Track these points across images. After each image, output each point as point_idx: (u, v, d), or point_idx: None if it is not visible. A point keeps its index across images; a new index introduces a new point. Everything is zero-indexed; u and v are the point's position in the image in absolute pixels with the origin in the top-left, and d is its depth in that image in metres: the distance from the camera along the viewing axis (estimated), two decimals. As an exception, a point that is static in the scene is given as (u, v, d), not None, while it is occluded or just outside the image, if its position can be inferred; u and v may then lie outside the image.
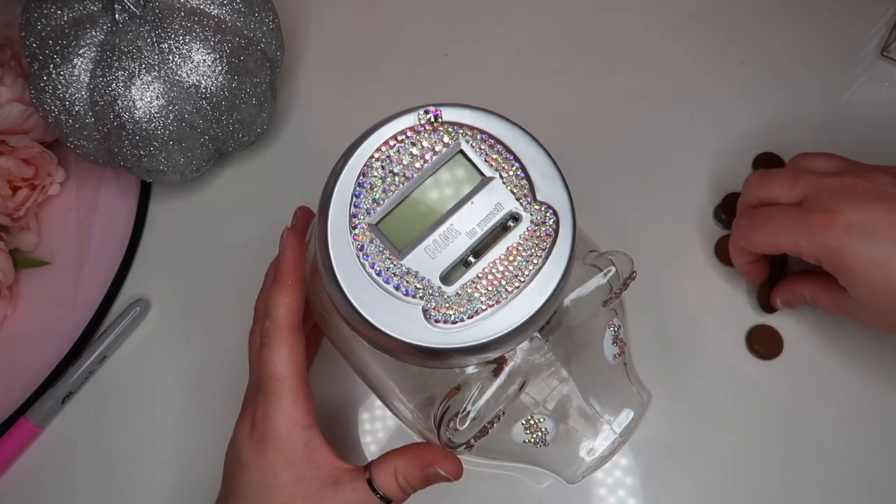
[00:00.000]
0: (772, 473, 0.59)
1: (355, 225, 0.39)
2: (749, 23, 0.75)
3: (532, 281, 0.39)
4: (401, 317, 0.38)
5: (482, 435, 0.42)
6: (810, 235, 0.51)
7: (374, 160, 0.40)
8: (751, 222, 0.56)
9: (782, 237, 0.53)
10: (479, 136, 0.40)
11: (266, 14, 0.65)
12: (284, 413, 0.46)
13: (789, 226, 0.52)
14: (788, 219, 0.53)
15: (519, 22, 0.77)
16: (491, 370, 0.42)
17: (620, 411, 0.49)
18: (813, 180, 0.53)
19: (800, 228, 0.51)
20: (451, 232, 0.39)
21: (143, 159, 0.63)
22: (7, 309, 0.69)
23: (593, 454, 0.49)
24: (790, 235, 0.52)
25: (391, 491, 0.47)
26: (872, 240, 0.49)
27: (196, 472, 0.63)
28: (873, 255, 0.49)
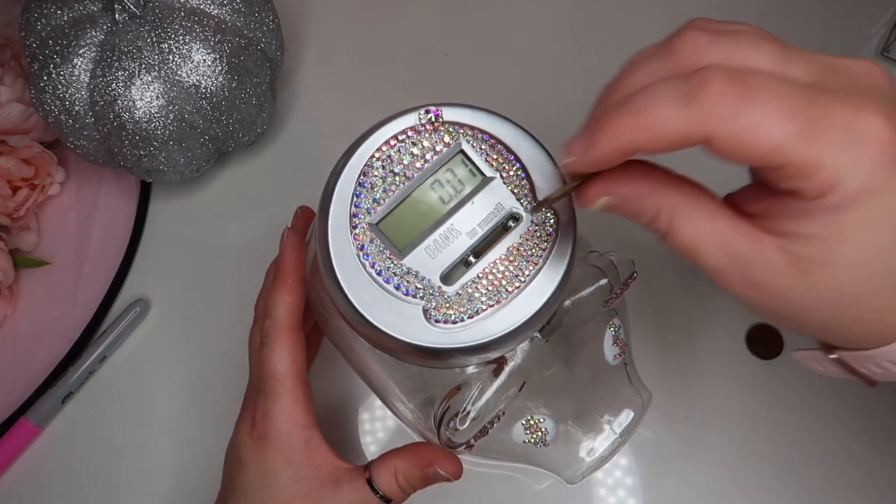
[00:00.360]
0: (771, 473, 0.59)
1: (356, 224, 0.39)
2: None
3: (532, 281, 0.39)
4: (401, 316, 0.38)
5: (482, 435, 0.42)
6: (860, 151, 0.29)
7: (375, 160, 0.40)
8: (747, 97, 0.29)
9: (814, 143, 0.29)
10: (480, 136, 0.41)
11: (266, 14, 0.65)
12: (284, 412, 0.46)
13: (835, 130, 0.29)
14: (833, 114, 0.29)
15: (519, 22, 0.77)
16: (491, 370, 0.42)
17: (621, 411, 0.49)
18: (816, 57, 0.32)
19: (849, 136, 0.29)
20: (451, 232, 0.39)
21: (143, 159, 0.63)
22: (7, 309, 0.69)
23: (593, 454, 0.49)
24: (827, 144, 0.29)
25: (391, 490, 0.47)
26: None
27: (196, 472, 0.63)
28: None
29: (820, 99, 0.29)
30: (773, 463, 0.60)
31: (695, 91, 0.29)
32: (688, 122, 0.29)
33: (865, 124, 0.29)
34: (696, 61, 0.31)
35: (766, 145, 0.29)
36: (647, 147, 0.31)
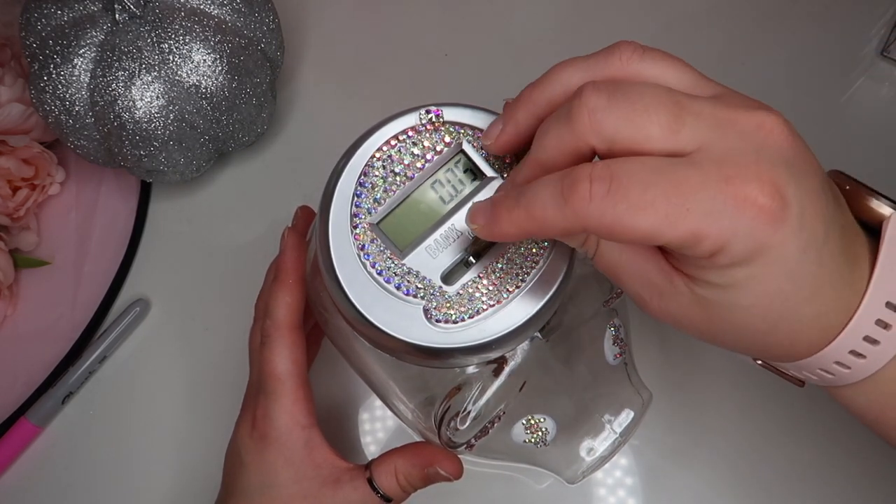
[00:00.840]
0: (772, 473, 0.59)
1: (356, 224, 0.39)
2: (749, 23, 0.75)
3: (533, 281, 0.39)
4: (402, 316, 0.38)
5: (483, 435, 0.42)
6: (736, 219, 0.30)
7: (376, 160, 0.40)
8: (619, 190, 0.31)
9: (684, 220, 0.30)
10: (481, 136, 0.40)
11: (266, 14, 0.65)
12: (285, 412, 0.46)
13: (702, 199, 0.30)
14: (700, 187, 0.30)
15: (519, 22, 0.77)
16: (492, 370, 0.42)
17: (621, 411, 0.49)
18: (710, 115, 0.32)
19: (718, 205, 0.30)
20: (452, 232, 0.39)
21: (143, 159, 0.63)
22: (7, 309, 0.69)
23: (593, 454, 0.49)
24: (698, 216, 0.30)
25: (391, 490, 0.47)
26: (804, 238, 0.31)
27: (196, 472, 0.63)
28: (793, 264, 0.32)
29: (691, 177, 0.30)
30: (774, 463, 0.60)
31: (566, 194, 0.31)
32: (565, 221, 0.32)
33: (737, 193, 0.30)
34: (591, 131, 0.32)
35: (638, 234, 0.31)
36: (540, 235, 0.34)
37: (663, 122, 0.31)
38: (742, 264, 0.31)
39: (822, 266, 0.32)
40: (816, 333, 0.34)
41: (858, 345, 0.33)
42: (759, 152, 0.31)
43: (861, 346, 0.33)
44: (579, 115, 0.32)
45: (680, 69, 0.35)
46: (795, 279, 0.32)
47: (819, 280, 0.32)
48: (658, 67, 0.35)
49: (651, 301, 0.36)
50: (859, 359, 0.34)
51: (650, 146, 0.31)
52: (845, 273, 0.33)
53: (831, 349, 0.34)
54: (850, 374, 0.35)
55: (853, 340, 0.33)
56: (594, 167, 0.31)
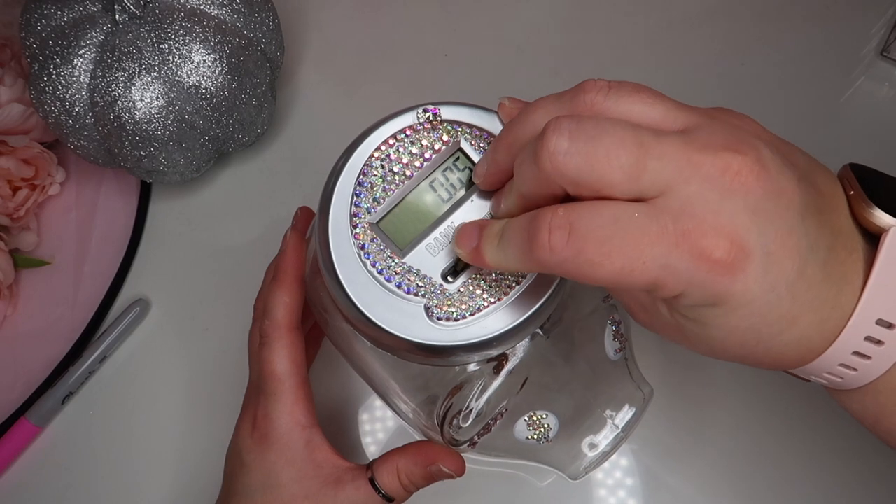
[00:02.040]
0: (772, 473, 0.59)
1: (356, 224, 0.39)
2: (749, 23, 0.75)
3: (533, 277, 0.39)
4: (403, 315, 0.38)
5: (485, 432, 0.42)
6: (693, 270, 0.31)
7: (374, 159, 0.40)
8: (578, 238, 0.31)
9: (644, 267, 0.31)
10: (479, 134, 0.41)
11: (266, 14, 0.65)
12: (285, 412, 0.46)
13: (657, 249, 0.31)
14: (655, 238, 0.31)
15: (518, 22, 0.77)
16: (493, 367, 0.42)
17: (622, 406, 0.49)
18: (675, 158, 0.31)
19: (675, 256, 0.31)
20: (451, 229, 0.39)
21: (143, 159, 0.63)
22: (7, 309, 0.69)
23: (596, 450, 0.49)
24: (656, 264, 0.31)
25: (393, 489, 0.47)
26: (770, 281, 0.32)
27: (196, 472, 0.63)
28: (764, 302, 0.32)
29: (649, 226, 0.31)
30: (774, 463, 0.60)
31: (530, 242, 0.32)
32: (531, 266, 0.33)
33: (692, 248, 0.31)
34: (555, 174, 0.32)
35: (599, 282, 0.32)
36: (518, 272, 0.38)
37: (625, 166, 0.31)
38: (707, 307, 0.32)
39: (796, 299, 0.32)
40: (799, 353, 0.34)
41: (847, 359, 0.34)
42: (722, 201, 0.31)
43: (850, 359, 0.34)
44: (542, 157, 0.32)
45: (649, 102, 0.34)
46: (766, 317, 0.32)
47: (794, 312, 0.32)
48: (625, 103, 0.34)
49: (638, 315, 0.37)
50: (850, 371, 0.34)
51: (611, 192, 0.31)
52: (829, 297, 0.33)
53: (815, 366, 0.34)
54: (842, 383, 0.35)
55: (840, 356, 0.34)
56: (554, 215, 0.32)
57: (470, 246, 0.37)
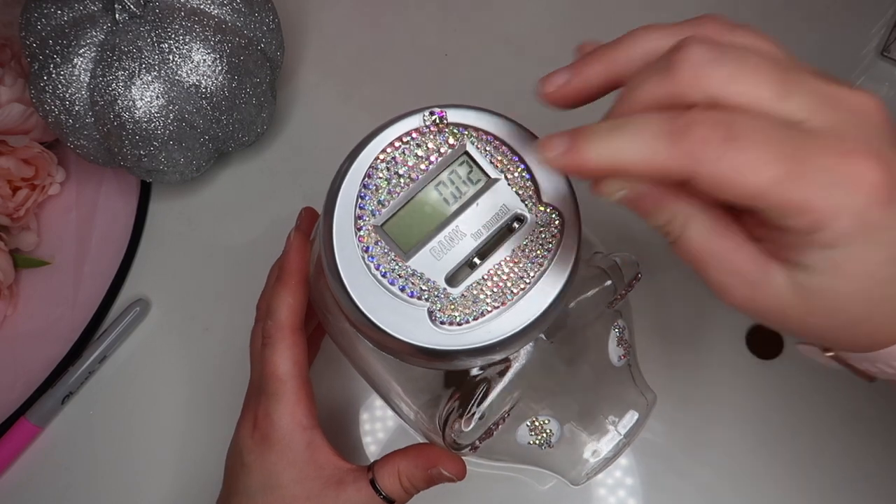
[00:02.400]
0: (772, 474, 0.59)
1: (360, 227, 0.39)
2: (749, 23, 0.74)
3: (538, 282, 0.39)
4: (406, 318, 0.38)
5: (487, 436, 0.42)
6: (845, 193, 0.29)
7: (380, 161, 0.40)
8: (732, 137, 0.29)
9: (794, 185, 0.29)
10: (485, 138, 0.40)
11: (266, 14, 0.65)
12: (286, 413, 0.46)
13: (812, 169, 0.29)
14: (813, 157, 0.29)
15: (519, 22, 0.77)
16: (496, 371, 0.42)
17: (625, 413, 0.49)
18: (819, 88, 0.31)
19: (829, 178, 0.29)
20: (456, 233, 0.39)
21: (143, 159, 0.63)
22: (7, 309, 0.69)
23: (597, 456, 0.49)
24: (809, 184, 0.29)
25: (394, 491, 0.47)
26: None
27: (196, 472, 0.63)
28: None
29: (808, 143, 0.29)
30: (774, 463, 0.60)
31: (681, 132, 0.30)
32: (672, 161, 0.30)
33: (853, 168, 0.29)
34: (694, 85, 0.31)
35: (748, 189, 0.29)
36: (629, 174, 0.32)
37: (773, 85, 0.30)
38: (844, 244, 0.30)
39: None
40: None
41: None
42: (869, 131, 0.31)
43: None
44: (681, 68, 0.31)
45: (772, 45, 0.33)
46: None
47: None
48: (750, 40, 0.33)
49: (738, 291, 0.33)
50: None
51: (759, 108, 0.30)
52: None
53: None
54: None
55: None
56: (710, 112, 0.30)
57: (567, 144, 0.32)
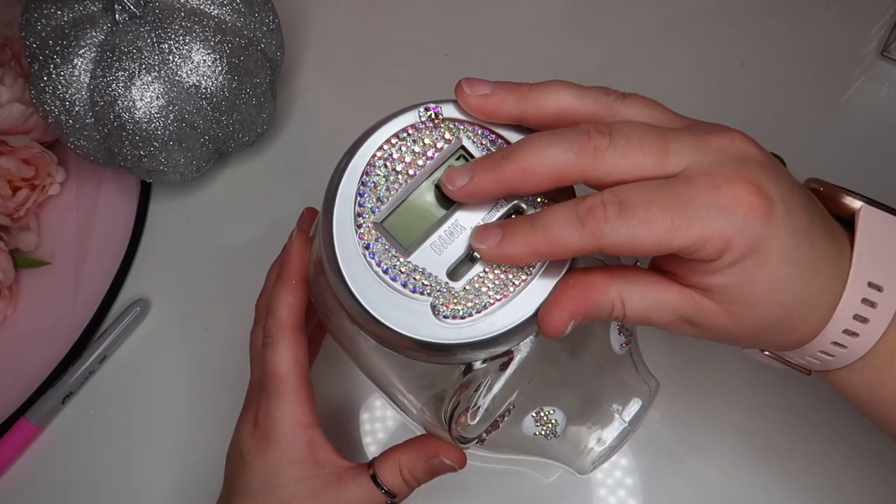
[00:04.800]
0: (772, 473, 0.59)
1: (360, 224, 0.39)
2: (749, 23, 0.75)
3: (539, 273, 0.39)
4: (409, 314, 0.38)
5: (493, 429, 0.42)
6: (732, 218, 0.35)
7: (377, 159, 0.40)
8: (626, 210, 0.35)
9: (687, 228, 0.35)
10: (481, 132, 0.41)
11: (266, 14, 0.65)
12: (287, 412, 0.46)
13: (698, 208, 0.35)
14: (695, 198, 0.35)
15: (519, 22, 0.77)
16: (499, 364, 0.42)
17: (629, 400, 0.49)
18: (689, 139, 0.37)
19: (714, 210, 0.35)
20: (456, 227, 0.39)
21: (143, 159, 0.63)
22: (7, 309, 0.69)
23: (603, 444, 0.49)
24: (699, 223, 0.35)
25: (396, 485, 0.47)
26: (792, 224, 0.36)
27: (197, 472, 0.63)
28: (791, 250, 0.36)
29: (686, 189, 0.35)
30: (774, 462, 0.60)
31: (582, 217, 0.36)
32: (582, 240, 0.36)
33: (726, 196, 0.35)
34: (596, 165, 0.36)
35: (649, 245, 0.35)
36: (552, 255, 0.37)
37: (654, 152, 0.36)
38: (748, 258, 0.35)
39: (814, 247, 0.37)
40: (822, 311, 0.38)
41: (850, 324, 0.37)
42: (737, 161, 0.36)
43: (852, 324, 0.37)
44: (585, 151, 0.36)
45: (655, 108, 0.40)
46: (796, 262, 0.36)
47: (815, 259, 0.37)
48: (636, 109, 0.39)
49: (682, 325, 0.39)
50: (853, 338, 0.37)
51: (644, 174, 0.36)
52: (834, 254, 0.37)
53: (829, 329, 0.38)
54: (847, 353, 0.38)
55: (845, 319, 0.37)
56: (603, 195, 0.36)
57: (495, 240, 0.38)
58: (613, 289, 0.39)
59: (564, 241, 0.36)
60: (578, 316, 0.39)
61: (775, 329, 0.38)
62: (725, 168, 0.36)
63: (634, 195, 0.35)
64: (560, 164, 0.36)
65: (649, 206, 0.35)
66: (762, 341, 0.40)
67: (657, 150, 0.36)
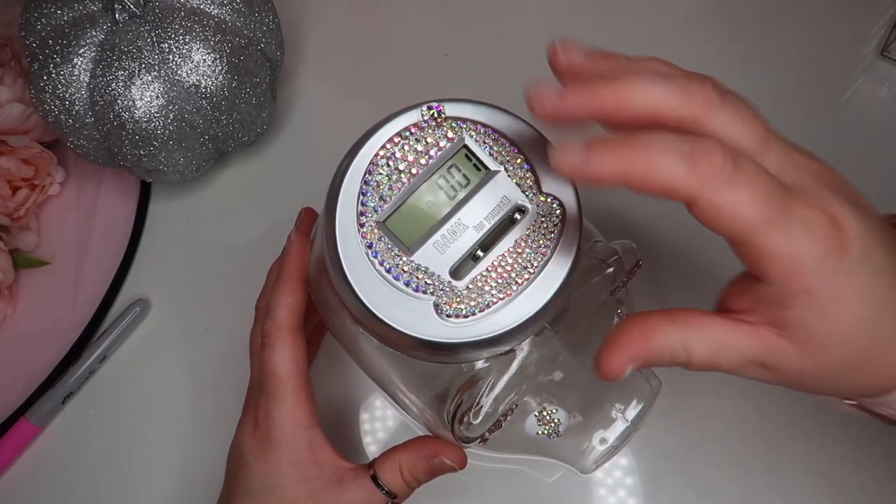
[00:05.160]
0: (771, 473, 0.59)
1: (363, 223, 0.39)
2: (749, 23, 0.75)
3: (542, 272, 0.39)
4: (412, 313, 0.38)
5: (496, 428, 0.42)
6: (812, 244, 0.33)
7: (380, 158, 0.40)
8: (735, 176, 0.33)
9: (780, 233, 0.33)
10: (483, 130, 0.41)
11: (266, 14, 0.65)
12: (287, 413, 0.46)
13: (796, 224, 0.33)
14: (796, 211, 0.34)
15: (519, 22, 0.77)
16: (502, 363, 0.42)
17: (631, 400, 0.49)
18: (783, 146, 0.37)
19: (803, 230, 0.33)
20: (458, 226, 0.39)
21: (143, 159, 0.63)
22: (7, 309, 0.69)
23: (605, 443, 0.49)
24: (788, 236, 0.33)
25: (396, 485, 0.47)
26: (870, 262, 0.35)
27: (197, 472, 0.63)
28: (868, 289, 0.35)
29: (786, 194, 0.34)
30: (774, 462, 0.60)
31: (698, 156, 0.33)
32: (685, 179, 0.33)
33: (815, 220, 0.33)
34: (705, 112, 0.35)
35: (739, 223, 0.33)
36: (637, 184, 0.34)
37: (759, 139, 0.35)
38: (821, 292, 0.34)
39: (894, 286, 0.35)
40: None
41: None
42: (827, 189, 0.35)
43: None
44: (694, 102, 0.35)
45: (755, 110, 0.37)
46: (873, 300, 0.34)
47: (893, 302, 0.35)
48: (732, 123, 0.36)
49: (754, 369, 0.37)
50: None
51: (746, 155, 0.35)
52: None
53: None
54: None
55: None
56: (720, 144, 0.33)
57: (580, 153, 0.34)
58: (674, 333, 0.36)
59: (663, 172, 0.33)
60: (637, 361, 0.37)
61: (854, 372, 0.36)
62: (816, 192, 0.35)
63: (750, 167, 0.34)
64: (662, 103, 0.35)
65: (762, 188, 0.33)
66: (841, 386, 0.38)
67: (761, 139, 0.35)
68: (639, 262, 0.46)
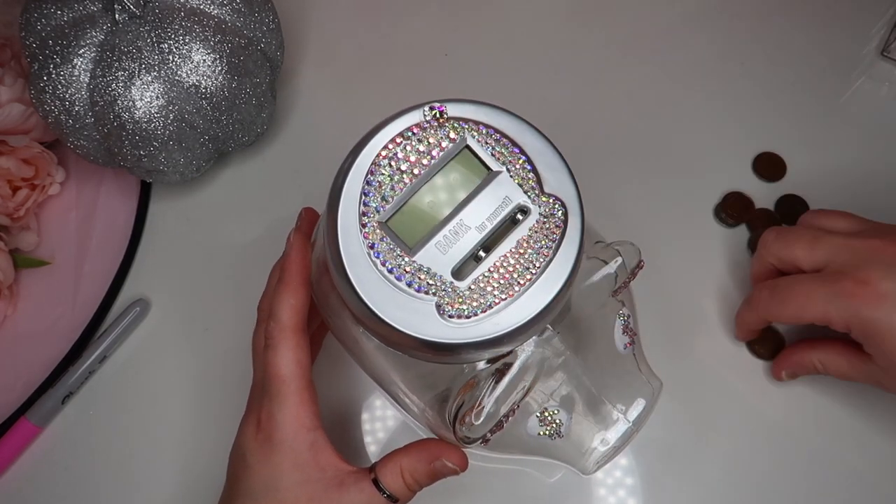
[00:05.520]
0: (771, 474, 0.59)
1: (365, 223, 0.39)
2: (749, 23, 0.75)
3: (544, 272, 0.39)
4: (414, 313, 0.38)
5: (498, 429, 0.42)
6: (842, 305, 0.50)
7: (382, 158, 0.40)
8: (774, 294, 0.55)
9: (811, 309, 0.52)
10: (485, 131, 0.41)
11: (266, 14, 0.65)
12: (290, 414, 0.46)
13: (818, 296, 0.51)
14: (817, 289, 0.52)
15: (519, 22, 0.77)
16: (504, 364, 0.42)
17: (632, 400, 0.49)
18: (836, 242, 0.53)
19: (829, 298, 0.51)
20: (460, 227, 0.39)
21: (143, 159, 0.63)
22: (7, 309, 0.68)
23: (606, 444, 0.49)
24: (819, 306, 0.51)
25: (398, 489, 0.46)
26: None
27: (198, 473, 0.62)
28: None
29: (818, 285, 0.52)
30: (773, 463, 0.60)
31: (836, 289, 0.51)
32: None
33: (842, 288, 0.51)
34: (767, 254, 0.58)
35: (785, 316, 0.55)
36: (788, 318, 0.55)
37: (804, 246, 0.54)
38: (873, 335, 0.50)
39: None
40: None
41: None
42: (866, 261, 0.50)
43: None
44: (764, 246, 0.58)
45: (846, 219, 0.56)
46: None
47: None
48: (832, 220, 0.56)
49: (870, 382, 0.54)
50: None
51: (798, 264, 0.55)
52: None
53: None
54: None
55: None
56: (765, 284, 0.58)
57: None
58: (814, 355, 0.57)
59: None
60: (789, 370, 0.59)
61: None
62: (850, 268, 0.51)
63: (783, 284, 0.55)
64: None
65: (791, 293, 0.54)
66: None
67: (807, 245, 0.54)
68: (640, 263, 0.46)
